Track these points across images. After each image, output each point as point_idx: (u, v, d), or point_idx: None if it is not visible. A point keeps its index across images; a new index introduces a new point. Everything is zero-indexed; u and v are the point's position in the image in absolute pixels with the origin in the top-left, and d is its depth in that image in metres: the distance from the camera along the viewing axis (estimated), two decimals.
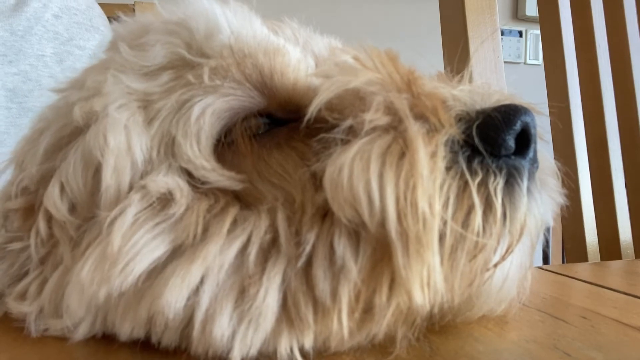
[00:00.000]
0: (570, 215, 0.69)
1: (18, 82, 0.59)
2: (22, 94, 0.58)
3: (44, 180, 0.27)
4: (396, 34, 2.16)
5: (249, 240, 0.24)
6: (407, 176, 0.22)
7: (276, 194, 0.25)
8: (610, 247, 0.68)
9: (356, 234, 0.23)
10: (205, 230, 0.24)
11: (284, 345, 0.23)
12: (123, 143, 0.25)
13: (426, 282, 0.22)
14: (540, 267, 0.48)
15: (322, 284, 0.22)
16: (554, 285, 0.42)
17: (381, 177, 0.22)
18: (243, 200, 0.25)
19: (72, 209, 0.26)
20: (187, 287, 0.23)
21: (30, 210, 0.28)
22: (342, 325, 0.23)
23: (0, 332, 0.27)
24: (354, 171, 0.22)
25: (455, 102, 0.25)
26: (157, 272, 0.24)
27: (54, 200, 0.26)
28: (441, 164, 0.23)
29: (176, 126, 0.26)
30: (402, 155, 0.22)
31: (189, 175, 0.26)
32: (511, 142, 0.24)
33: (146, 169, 0.26)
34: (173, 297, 0.23)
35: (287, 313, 0.23)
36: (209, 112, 0.26)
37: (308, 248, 0.23)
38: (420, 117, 0.24)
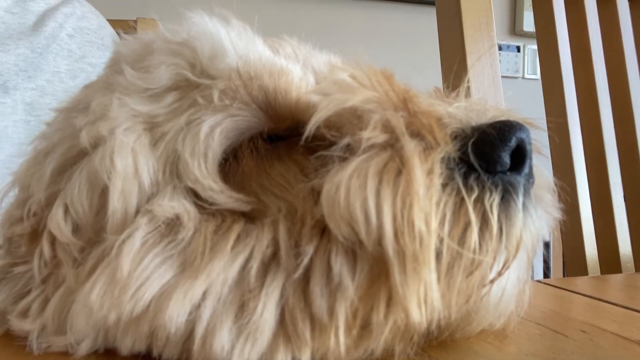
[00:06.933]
0: (570, 229, 0.69)
1: (36, 97, 0.62)
2: (40, 108, 0.61)
3: (49, 203, 0.27)
4: (396, 45, 2.17)
5: (251, 254, 0.24)
6: (403, 194, 0.22)
7: (279, 205, 0.25)
8: (610, 260, 0.68)
9: (353, 251, 0.23)
10: (211, 249, 0.24)
11: None
12: (130, 166, 0.25)
13: (423, 300, 0.22)
14: (540, 281, 0.48)
15: (319, 301, 0.23)
16: (554, 299, 0.42)
17: (378, 195, 0.22)
18: (248, 214, 0.26)
19: (76, 230, 0.26)
20: (189, 302, 0.23)
21: (35, 234, 0.27)
22: (339, 342, 0.23)
23: (0, 346, 0.27)
24: (350, 189, 0.22)
25: (450, 119, 0.25)
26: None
27: (57, 222, 0.26)
28: (437, 181, 0.23)
29: (183, 144, 0.26)
30: (399, 173, 0.23)
31: (195, 195, 0.26)
32: (506, 159, 0.24)
33: (152, 191, 0.26)
34: (175, 312, 0.23)
35: (284, 329, 0.23)
36: (218, 130, 0.26)
37: (306, 260, 0.23)
38: (416, 135, 0.24)
